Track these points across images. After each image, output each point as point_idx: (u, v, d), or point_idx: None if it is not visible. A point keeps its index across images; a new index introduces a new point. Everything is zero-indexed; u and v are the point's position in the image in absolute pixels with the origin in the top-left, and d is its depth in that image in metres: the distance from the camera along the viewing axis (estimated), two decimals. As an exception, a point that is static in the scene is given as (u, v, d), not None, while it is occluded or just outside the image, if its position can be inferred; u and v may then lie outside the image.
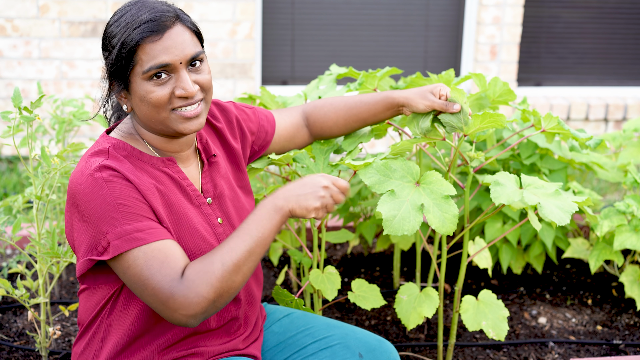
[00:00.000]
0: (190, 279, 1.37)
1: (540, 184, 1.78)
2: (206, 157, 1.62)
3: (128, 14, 1.45)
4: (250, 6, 4.37)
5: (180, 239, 1.47)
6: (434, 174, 1.75)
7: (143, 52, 1.42)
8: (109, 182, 1.39)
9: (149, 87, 1.44)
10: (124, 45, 1.42)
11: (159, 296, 1.36)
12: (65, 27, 4.25)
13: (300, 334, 1.71)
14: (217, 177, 1.61)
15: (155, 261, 1.37)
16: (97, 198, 1.38)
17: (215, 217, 1.57)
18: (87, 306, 1.55)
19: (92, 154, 1.47)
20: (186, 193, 1.53)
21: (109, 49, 1.46)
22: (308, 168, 1.86)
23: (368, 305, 1.96)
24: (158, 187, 1.47)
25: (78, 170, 1.43)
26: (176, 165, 1.53)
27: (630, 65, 5.01)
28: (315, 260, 1.98)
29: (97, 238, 1.39)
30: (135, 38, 1.42)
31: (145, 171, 1.48)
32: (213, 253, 1.41)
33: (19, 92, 1.83)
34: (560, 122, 1.91)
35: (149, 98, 1.45)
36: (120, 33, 1.43)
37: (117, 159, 1.45)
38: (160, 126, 1.49)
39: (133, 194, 1.41)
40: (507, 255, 2.67)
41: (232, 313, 1.59)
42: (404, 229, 1.66)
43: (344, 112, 1.88)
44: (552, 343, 2.41)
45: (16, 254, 2.93)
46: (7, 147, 4.31)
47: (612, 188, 4.11)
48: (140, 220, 1.39)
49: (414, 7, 4.68)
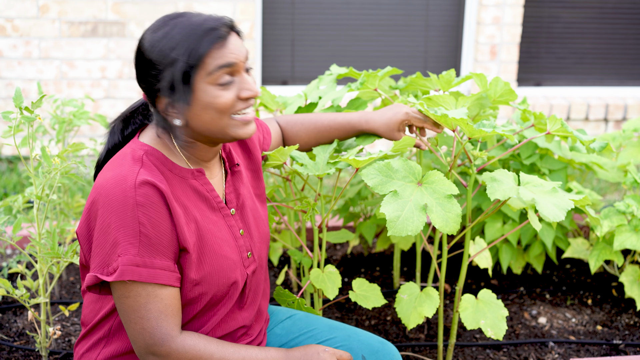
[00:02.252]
0: (184, 348, 1.41)
1: (538, 182, 1.79)
2: (229, 166, 1.61)
3: (181, 27, 1.42)
4: (250, 6, 4.37)
5: (201, 260, 1.47)
6: (435, 174, 1.75)
7: (209, 57, 1.41)
8: (140, 207, 1.36)
9: (215, 92, 1.43)
10: (193, 53, 1.39)
11: (146, 338, 1.40)
12: (65, 27, 4.25)
13: (303, 336, 1.71)
14: (240, 187, 1.61)
15: (155, 306, 1.39)
16: (122, 219, 1.36)
17: (238, 229, 1.57)
18: (93, 308, 1.55)
19: (125, 159, 1.44)
20: (211, 205, 1.52)
21: (164, 64, 1.41)
22: (307, 167, 1.86)
23: (369, 304, 1.97)
24: (185, 204, 1.46)
25: (111, 177, 1.40)
26: (204, 176, 1.52)
27: (630, 65, 5.01)
28: (315, 260, 1.98)
29: (110, 258, 1.38)
30: (205, 45, 1.40)
31: (174, 184, 1.46)
32: (216, 349, 1.44)
33: (20, 92, 1.83)
34: (563, 124, 1.91)
35: (215, 103, 1.43)
36: (184, 43, 1.40)
37: (151, 169, 1.42)
38: (219, 134, 1.47)
39: (160, 221, 1.39)
40: (507, 255, 2.67)
41: (239, 322, 1.59)
42: (408, 230, 1.65)
43: (314, 134, 1.93)
44: (552, 343, 2.41)
45: (16, 254, 2.93)
46: (8, 147, 4.31)
47: (612, 188, 4.11)
48: (156, 257, 1.39)
49: (414, 7, 4.68)
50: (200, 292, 1.47)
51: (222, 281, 1.49)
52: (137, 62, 1.46)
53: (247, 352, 1.48)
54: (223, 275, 1.49)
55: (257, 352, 1.49)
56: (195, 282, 1.46)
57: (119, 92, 4.39)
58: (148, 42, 1.43)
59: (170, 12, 4.26)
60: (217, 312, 1.53)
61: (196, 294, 1.47)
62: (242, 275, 1.54)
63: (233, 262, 1.52)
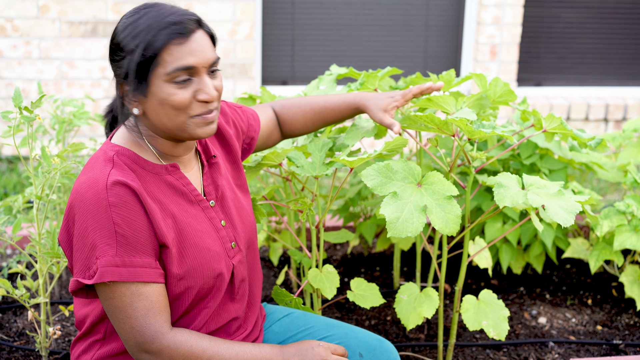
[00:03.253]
0: (175, 344, 1.42)
1: (542, 184, 1.78)
2: (206, 159, 1.61)
3: (148, 16, 1.42)
4: (250, 6, 4.37)
5: (183, 254, 1.47)
6: (435, 175, 1.75)
7: (167, 54, 1.40)
8: (113, 207, 1.37)
9: (171, 90, 1.42)
10: (149, 45, 1.39)
11: (136, 337, 1.41)
12: (65, 27, 4.25)
13: (300, 334, 1.71)
14: (219, 178, 1.61)
15: (141, 304, 1.40)
16: (98, 221, 1.37)
17: (219, 220, 1.56)
18: (85, 311, 1.55)
19: (97, 161, 1.45)
20: (189, 199, 1.52)
21: (125, 51, 1.42)
22: (303, 168, 1.86)
23: (367, 304, 1.96)
24: (160, 200, 1.46)
25: (85, 181, 1.41)
26: (179, 171, 1.52)
27: (630, 65, 5.01)
28: (314, 259, 1.98)
29: (89, 261, 1.39)
30: (162, 39, 1.39)
31: (148, 181, 1.46)
32: (209, 345, 1.44)
33: (19, 92, 1.83)
34: (562, 122, 1.91)
35: (170, 101, 1.42)
36: (143, 34, 1.40)
37: (122, 169, 1.43)
38: (176, 131, 1.46)
39: (136, 219, 1.39)
40: (507, 255, 2.67)
41: (232, 314, 1.59)
42: (408, 231, 1.65)
43: (310, 115, 1.90)
44: (552, 343, 2.41)
45: (16, 254, 2.93)
46: (8, 147, 4.31)
47: (612, 188, 4.11)
48: (135, 255, 1.39)
49: (414, 7, 4.68)
50: (185, 286, 1.47)
51: (206, 273, 1.49)
52: (110, 43, 1.48)
53: (240, 348, 1.48)
54: (207, 268, 1.49)
55: (251, 347, 1.49)
56: (179, 277, 1.46)
57: (119, 92, 4.39)
58: (120, 26, 1.45)
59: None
60: (207, 305, 1.53)
61: (182, 289, 1.47)
62: (227, 266, 1.54)
63: (216, 254, 1.51)
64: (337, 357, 1.54)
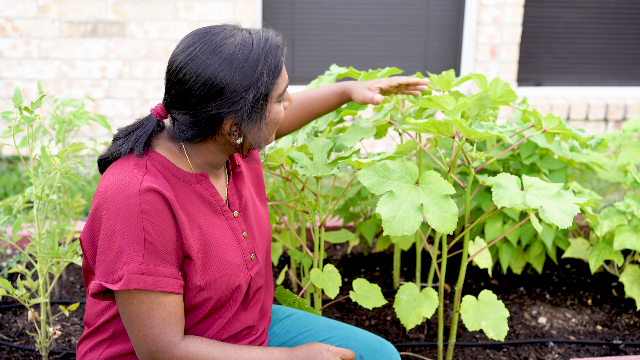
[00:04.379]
0: (187, 355, 1.41)
1: (541, 185, 1.78)
2: (231, 167, 1.59)
3: (251, 42, 1.40)
4: (250, 6, 4.37)
5: (206, 266, 1.46)
6: (432, 174, 1.75)
7: (280, 76, 1.45)
8: (145, 214, 1.35)
9: (279, 108, 1.47)
10: (274, 70, 1.41)
11: (149, 345, 1.40)
12: (65, 27, 4.25)
13: (302, 335, 1.71)
14: (242, 188, 1.59)
15: (158, 313, 1.38)
16: (127, 226, 1.34)
17: (241, 231, 1.55)
18: (97, 309, 1.54)
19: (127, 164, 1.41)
20: (215, 209, 1.51)
21: (241, 88, 1.37)
22: (307, 168, 1.86)
23: (369, 304, 1.97)
24: (189, 210, 1.45)
25: (115, 183, 1.37)
26: (208, 180, 1.50)
27: (630, 65, 5.01)
28: (315, 259, 1.98)
29: (115, 265, 1.36)
30: (280, 59, 1.43)
31: (178, 190, 1.44)
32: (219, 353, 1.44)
33: (19, 92, 1.83)
34: (562, 122, 1.91)
35: (278, 119, 1.47)
36: (262, 63, 1.39)
37: (156, 176, 1.40)
38: (263, 145, 1.49)
39: (165, 229, 1.37)
40: (507, 255, 2.67)
41: (244, 323, 1.59)
42: (404, 230, 1.65)
43: (297, 110, 1.92)
44: (552, 343, 2.41)
45: (16, 254, 2.93)
46: (8, 147, 4.31)
47: (612, 188, 4.11)
48: (161, 265, 1.38)
49: (414, 7, 4.68)
50: (204, 297, 1.47)
51: (226, 286, 1.49)
52: (200, 90, 1.38)
53: (250, 354, 1.47)
54: (227, 280, 1.49)
55: (260, 352, 1.48)
56: (200, 288, 1.45)
57: (119, 92, 4.39)
58: (213, 67, 1.37)
59: (171, 12, 4.27)
60: (222, 315, 1.52)
61: (201, 300, 1.47)
62: (245, 278, 1.54)
63: (237, 267, 1.51)
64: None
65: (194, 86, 1.37)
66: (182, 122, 1.43)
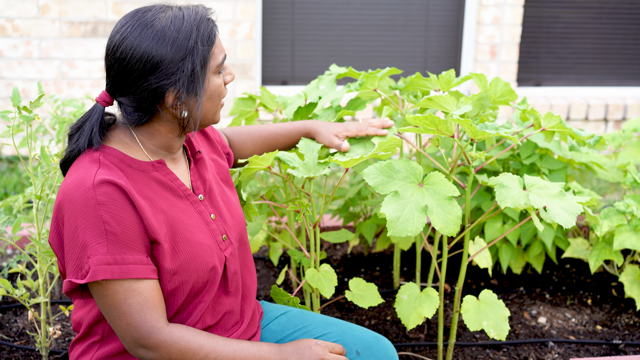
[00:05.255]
0: (172, 339, 1.42)
1: (543, 185, 1.78)
2: (192, 154, 1.62)
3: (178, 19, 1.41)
4: (250, 6, 4.37)
5: (175, 249, 1.47)
6: (437, 175, 1.75)
7: (215, 46, 1.46)
8: (102, 205, 1.37)
9: (219, 80, 1.47)
10: (207, 40, 1.43)
11: (132, 333, 1.41)
12: (65, 27, 4.26)
13: (298, 332, 1.71)
14: (205, 173, 1.61)
15: (135, 300, 1.40)
16: (87, 220, 1.37)
17: (208, 214, 1.57)
18: (83, 312, 1.55)
19: (82, 162, 1.43)
20: (177, 194, 1.52)
21: (176, 59, 1.40)
22: (298, 169, 1.85)
23: (365, 303, 1.96)
24: (149, 196, 1.46)
25: (71, 181, 1.40)
26: (166, 167, 1.52)
27: (630, 65, 5.01)
28: (312, 259, 1.98)
29: (81, 260, 1.39)
30: (214, 31, 1.44)
31: (136, 179, 1.46)
32: (206, 341, 1.45)
33: (18, 92, 1.83)
34: (561, 120, 1.91)
35: (219, 91, 1.48)
36: (194, 33, 1.41)
37: (109, 168, 1.42)
38: (209, 121, 1.51)
39: (125, 217, 1.39)
40: (507, 255, 2.67)
41: (227, 307, 1.60)
42: (408, 230, 1.65)
43: (260, 141, 1.95)
44: (552, 343, 2.41)
45: (16, 253, 2.93)
46: (7, 147, 4.31)
47: (611, 188, 4.11)
48: (127, 252, 1.39)
49: (414, 7, 4.68)
50: (179, 281, 1.48)
51: (200, 267, 1.50)
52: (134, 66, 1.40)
53: (238, 346, 1.48)
54: (200, 262, 1.50)
55: (249, 345, 1.50)
56: (172, 272, 1.46)
57: (119, 92, 4.39)
58: (146, 44, 1.40)
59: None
60: (203, 299, 1.53)
61: (176, 284, 1.48)
62: (219, 258, 1.55)
63: (208, 247, 1.52)
64: (335, 355, 1.55)
65: (131, 62, 1.40)
66: (127, 105, 1.45)
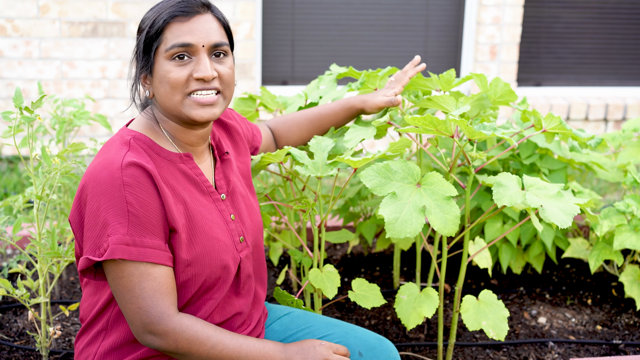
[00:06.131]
0: (181, 328, 1.42)
1: (542, 185, 1.78)
2: (219, 155, 1.64)
3: (163, 1, 1.51)
4: (250, 6, 4.37)
5: (192, 241, 1.48)
6: (434, 175, 1.75)
7: (169, 31, 1.47)
8: (128, 187, 1.39)
9: (169, 67, 1.47)
10: (154, 24, 1.47)
11: (142, 317, 1.41)
12: (65, 27, 4.26)
13: (301, 332, 1.72)
14: (230, 174, 1.64)
15: (149, 284, 1.41)
16: (111, 200, 1.39)
17: (229, 214, 1.59)
18: (91, 302, 1.56)
19: (113, 145, 1.47)
20: (201, 189, 1.55)
21: (139, 30, 1.51)
22: (307, 167, 1.86)
23: (368, 304, 1.97)
24: (173, 185, 1.48)
25: (99, 162, 1.43)
26: (192, 161, 1.55)
27: (630, 65, 5.01)
28: (315, 259, 1.98)
29: (100, 239, 1.40)
30: (164, 17, 1.46)
31: (162, 167, 1.49)
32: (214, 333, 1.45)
33: (20, 92, 1.83)
34: (562, 122, 1.91)
35: (167, 77, 1.48)
36: (153, 14, 1.49)
37: (138, 152, 1.46)
38: (174, 111, 1.51)
39: (149, 201, 1.41)
40: (507, 255, 2.67)
41: (236, 308, 1.60)
42: (406, 232, 1.65)
43: (306, 125, 1.96)
44: (552, 343, 2.41)
45: (16, 253, 2.93)
46: (8, 147, 4.31)
47: (611, 188, 4.11)
48: (146, 236, 1.41)
49: (414, 7, 4.68)
50: (192, 273, 1.48)
51: (214, 262, 1.51)
52: None
53: (244, 340, 1.49)
54: (215, 257, 1.51)
55: (255, 342, 1.50)
56: (187, 263, 1.47)
57: (119, 92, 4.39)
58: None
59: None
60: (213, 296, 1.54)
61: (189, 275, 1.48)
62: (234, 258, 1.56)
63: (224, 244, 1.53)
64: (338, 356, 1.55)
65: None
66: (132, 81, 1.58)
